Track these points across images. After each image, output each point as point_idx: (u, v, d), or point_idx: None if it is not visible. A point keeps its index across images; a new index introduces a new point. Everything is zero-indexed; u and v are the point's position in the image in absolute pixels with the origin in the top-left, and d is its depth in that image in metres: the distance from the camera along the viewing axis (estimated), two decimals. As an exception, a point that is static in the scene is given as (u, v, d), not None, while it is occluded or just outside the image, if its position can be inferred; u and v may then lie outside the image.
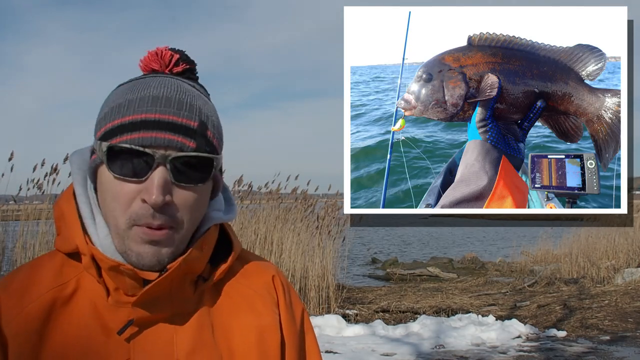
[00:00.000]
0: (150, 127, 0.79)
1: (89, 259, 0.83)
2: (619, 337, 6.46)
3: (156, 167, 0.79)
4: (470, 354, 5.73)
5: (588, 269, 10.66)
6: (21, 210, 7.10)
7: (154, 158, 0.79)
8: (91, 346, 0.81)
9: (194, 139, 0.81)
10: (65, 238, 0.86)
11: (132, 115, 0.80)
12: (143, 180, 0.79)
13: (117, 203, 0.80)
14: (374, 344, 5.92)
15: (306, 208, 8.41)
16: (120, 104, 0.82)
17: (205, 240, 0.86)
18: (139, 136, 0.79)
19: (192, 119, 0.82)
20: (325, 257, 7.76)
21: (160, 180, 0.78)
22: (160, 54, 0.89)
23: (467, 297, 8.74)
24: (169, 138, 0.79)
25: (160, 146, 0.79)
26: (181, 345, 0.84)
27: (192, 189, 0.82)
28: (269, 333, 0.91)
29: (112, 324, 0.82)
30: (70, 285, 0.84)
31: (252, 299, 0.92)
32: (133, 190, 0.79)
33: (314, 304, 7.44)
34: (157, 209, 0.79)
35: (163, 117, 0.80)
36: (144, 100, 0.81)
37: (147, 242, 0.80)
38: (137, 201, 0.79)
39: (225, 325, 0.88)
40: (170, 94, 0.82)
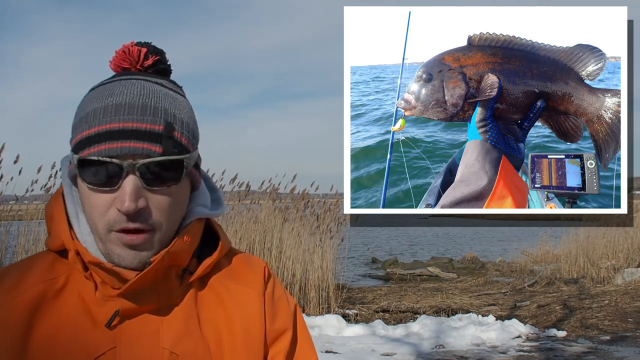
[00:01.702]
0: (115, 137, 0.80)
1: (74, 254, 0.86)
2: (619, 337, 6.46)
3: (126, 176, 0.80)
4: (470, 354, 5.73)
5: (588, 269, 10.66)
6: (22, 210, 7.11)
7: (122, 167, 0.80)
8: (78, 336, 0.83)
9: (159, 143, 0.82)
10: (54, 236, 0.89)
11: (97, 126, 0.81)
12: (115, 189, 0.81)
13: (94, 211, 0.83)
14: (374, 344, 5.93)
15: (305, 208, 8.41)
16: (88, 114, 0.83)
17: (188, 232, 0.88)
18: (105, 147, 0.80)
19: (156, 123, 0.82)
20: (325, 257, 7.76)
21: (130, 188, 0.80)
22: (128, 52, 0.89)
23: (467, 297, 8.75)
24: (133, 146, 0.80)
25: (127, 155, 0.80)
26: (167, 335, 0.86)
27: (165, 192, 0.83)
28: (253, 323, 0.92)
29: (100, 317, 0.84)
30: (60, 280, 0.87)
31: (238, 293, 0.94)
32: (107, 199, 0.81)
33: (314, 304, 7.44)
34: (131, 216, 0.80)
35: (127, 125, 0.81)
36: (108, 109, 0.82)
37: (125, 245, 0.82)
38: (113, 209, 0.81)
39: (211, 316, 0.90)
40: (133, 100, 0.83)
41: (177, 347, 0.86)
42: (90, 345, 0.83)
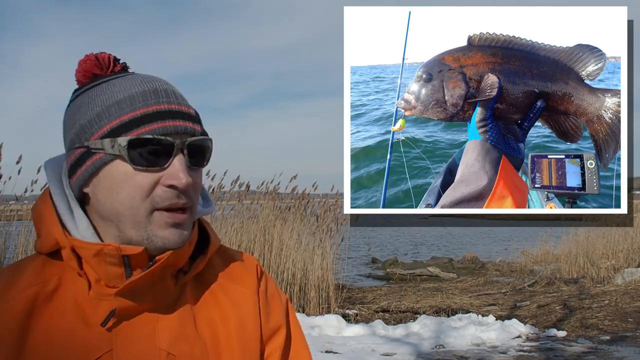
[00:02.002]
0: (166, 117, 0.83)
1: (69, 251, 0.84)
2: (619, 337, 6.46)
3: (177, 154, 0.83)
4: (470, 354, 5.73)
5: (588, 269, 10.66)
6: (22, 210, 7.11)
7: (174, 145, 0.83)
8: (73, 339, 0.82)
9: (199, 124, 0.88)
10: (44, 236, 0.87)
11: (141, 108, 0.83)
12: (165, 167, 0.83)
13: (137, 193, 0.82)
14: (374, 344, 5.92)
15: (304, 207, 8.41)
16: (120, 101, 0.84)
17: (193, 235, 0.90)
18: (159, 126, 0.83)
19: (190, 108, 0.88)
20: (325, 257, 7.76)
21: (181, 164, 0.83)
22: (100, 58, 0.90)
23: (467, 297, 8.75)
24: (184, 125, 0.84)
25: (177, 133, 0.84)
26: (163, 335, 0.85)
27: (199, 171, 0.88)
28: (249, 321, 0.93)
29: (94, 318, 0.83)
30: (52, 282, 0.86)
31: (231, 291, 0.94)
32: (154, 178, 0.83)
33: (314, 304, 7.44)
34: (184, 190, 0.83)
35: (172, 106, 0.85)
36: (146, 94, 0.84)
37: (172, 225, 0.84)
38: (159, 187, 0.83)
39: (206, 316, 0.90)
40: (163, 86, 0.87)
41: (174, 347, 0.85)
42: (86, 349, 0.82)
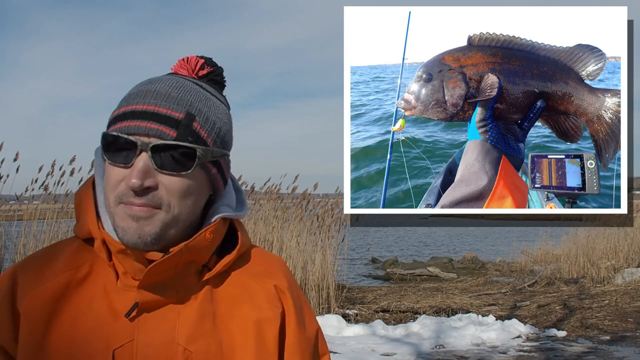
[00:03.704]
0: (136, 117, 0.85)
1: (100, 242, 0.89)
2: (619, 337, 6.45)
3: (139, 154, 0.84)
4: (470, 354, 5.73)
5: (588, 269, 10.66)
6: (22, 210, 7.11)
7: (137, 145, 0.84)
8: (98, 326, 0.86)
9: (175, 128, 0.85)
10: (82, 224, 0.91)
11: (125, 106, 0.88)
12: (129, 165, 0.84)
13: (109, 185, 0.86)
14: (374, 344, 5.92)
15: (305, 207, 8.41)
16: (125, 97, 0.90)
17: (212, 230, 0.90)
18: (126, 125, 0.85)
19: (177, 111, 0.86)
20: (325, 257, 7.76)
21: (140, 166, 0.84)
22: (187, 60, 0.96)
23: (467, 297, 8.74)
24: (149, 126, 0.85)
25: (142, 134, 0.84)
26: (183, 330, 0.88)
27: (175, 176, 0.86)
28: (268, 325, 0.93)
29: (120, 307, 0.87)
30: (84, 268, 0.90)
31: (254, 292, 0.95)
32: (121, 174, 0.85)
33: (314, 304, 7.44)
34: (137, 192, 0.84)
35: (149, 107, 0.86)
36: (139, 93, 0.88)
37: (129, 217, 0.85)
38: (123, 183, 0.85)
39: (226, 314, 0.92)
40: (164, 89, 0.88)
41: (191, 344, 0.88)
42: (109, 337, 0.86)
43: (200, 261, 0.91)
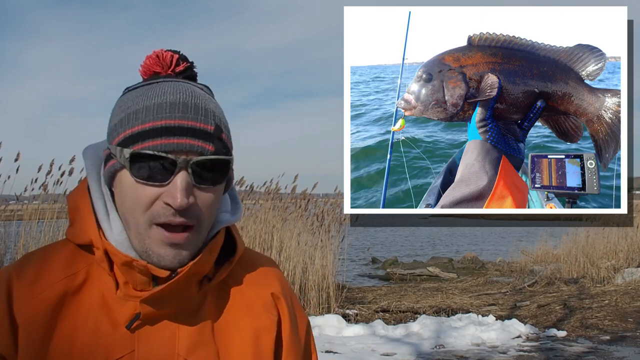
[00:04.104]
0: (172, 133, 0.82)
1: (102, 253, 0.86)
2: (619, 337, 6.46)
3: (178, 172, 0.81)
4: (470, 354, 5.73)
5: (588, 269, 10.66)
6: (22, 210, 7.10)
7: (177, 163, 0.81)
8: (98, 337, 0.85)
9: (212, 142, 0.84)
10: (78, 231, 0.89)
11: (152, 121, 0.82)
12: (165, 184, 0.82)
13: (138, 205, 0.83)
14: (374, 344, 5.92)
15: (305, 207, 8.41)
16: (138, 110, 0.84)
17: (216, 243, 0.90)
18: (161, 142, 0.81)
19: (209, 124, 0.84)
20: (325, 257, 7.76)
21: (183, 183, 0.81)
22: (161, 56, 0.91)
23: (467, 297, 8.74)
24: (190, 143, 0.82)
25: (182, 151, 0.82)
26: (183, 341, 0.87)
27: (210, 190, 0.85)
28: (265, 334, 0.93)
29: (119, 317, 0.86)
30: (80, 275, 0.88)
31: (251, 300, 0.95)
32: (154, 193, 0.82)
33: (314, 304, 7.44)
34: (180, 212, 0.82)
35: (182, 122, 0.82)
36: (162, 106, 0.83)
37: (168, 244, 0.83)
38: (159, 202, 0.82)
39: (224, 324, 0.92)
40: (187, 100, 0.84)
41: (191, 354, 0.87)
42: (109, 348, 0.84)
43: (204, 273, 0.90)
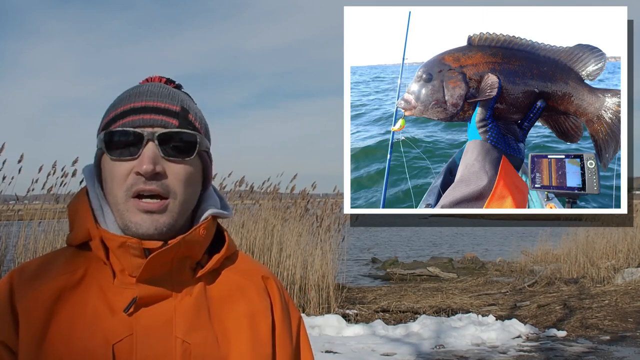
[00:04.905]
0: (138, 112, 0.93)
1: (98, 241, 0.92)
2: (619, 337, 6.46)
3: (146, 144, 0.91)
4: (470, 354, 5.73)
5: (588, 269, 10.66)
6: (22, 210, 7.11)
7: (143, 135, 0.91)
8: (96, 322, 0.89)
9: (176, 118, 0.94)
10: (77, 229, 0.95)
11: (122, 106, 0.94)
12: (136, 157, 0.90)
13: (116, 181, 0.91)
14: (374, 344, 5.93)
15: (305, 207, 8.41)
16: (115, 103, 0.97)
17: (204, 225, 0.96)
18: (129, 120, 0.92)
19: (173, 104, 0.95)
20: (325, 257, 7.76)
21: (149, 152, 0.90)
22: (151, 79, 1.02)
23: (467, 297, 8.75)
24: (153, 118, 0.92)
25: (147, 125, 0.92)
26: (180, 323, 0.92)
27: (181, 163, 0.93)
28: (261, 318, 0.99)
29: (117, 304, 0.91)
30: (79, 272, 0.93)
31: (245, 287, 1.01)
32: (128, 167, 0.91)
33: (314, 304, 7.44)
34: (148, 177, 0.89)
35: (148, 103, 0.94)
36: (132, 95, 0.96)
37: (142, 211, 0.90)
38: (132, 174, 0.91)
39: (219, 310, 0.96)
40: (155, 88, 0.96)
41: (189, 336, 0.91)
42: (107, 332, 0.88)
43: (195, 257, 0.96)
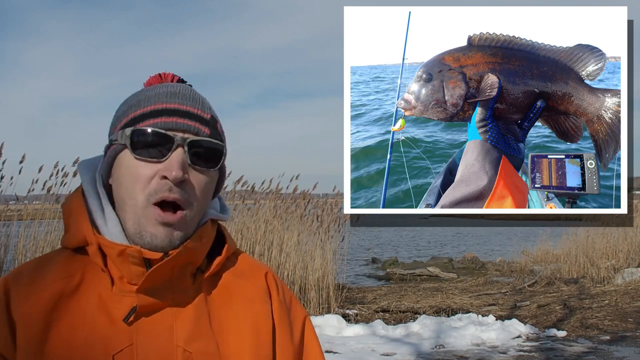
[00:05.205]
0: (170, 114, 0.89)
1: (95, 248, 0.89)
2: (619, 337, 6.46)
3: (175, 148, 0.88)
4: (470, 354, 5.73)
5: (588, 269, 10.66)
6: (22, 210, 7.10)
7: (174, 140, 0.88)
8: (97, 332, 0.86)
9: (208, 127, 0.91)
10: (73, 232, 0.92)
11: (153, 105, 0.90)
12: (162, 160, 0.87)
13: (138, 182, 0.87)
14: (374, 344, 5.93)
15: (305, 207, 8.41)
16: (140, 100, 0.92)
17: (204, 231, 0.93)
18: (161, 120, 0.89)
19: (205, 112, 0.93)
20: (325, 257, 7.76)
21: (179, 158, 0.87)
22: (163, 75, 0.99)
23: (467, 297, 8.74)
24: (187, 123, 0.89)
25: (179, 130, 0.89)
26: (180, 332, 0.89)
27: (204, 173, 0.91)
28: (262, 321, 0.96)
29: (116, 312, 0.87)
30: (76, 277, 0.90)
31: (246, 289, 0.98)
32: (153, 169, 0.87)
33: (314, 304, 7.44)
34: (176, 184, 0.86)
35: (181, 107, 0.90)
36: (163, 94, 0.92)
37: (161, 223, 0.87)
38: (156, 179, 0.87)
39: (221, 315, 0.94)
40: (185, 91, 0.93)
41: (190, 345, 0.89)
42: (107, 342, 0.85)
43: (196, 263, 0.93)
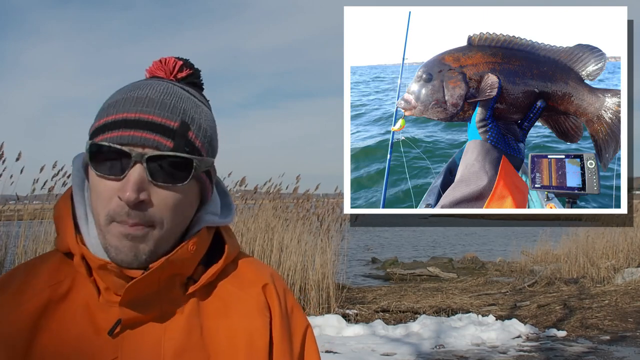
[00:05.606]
0: (130, 126, 0.81)
1: (79, 258, 0.85)
2: (619, 337, 6.46)
3: (133, 165, 0.80)
4: (470, 354, 5.73)
5: (588, 269, 10.66)
6: (22, 210, 7.10)
7: (131, 156, 0.80)
8: (81, 344, 0.82)
9: (172, 138, 0.82)
10: (60, 239, 0.88)
11: (114, 114, 0.82)
12: (121, 178, 0.80)
13: (99, 200, 0.82)
14: (374, 344, 5.93)
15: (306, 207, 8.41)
16: (110, 104, 0.84)
17: (194, 241, 0.86)
18: (118, 134, 0.80)
19: (172, 120, 0.83)
20: (325, 257, 7.76)
21: (134, 177, 0.79)
22: (165, 62, 0.92)
23: (467, 297, 8.74)
24: (145, 137, 0.80)
25: (137, 144, 0.80)
26: (169, 346, 0.84)
27: (171, 189, 0.82)
28: (258, 335, 0.90)
29: (103, 323, 0.83)
30: (65, 283, 0.86)
31: (243, 301, 0.91)
32: (113, 187, 0.80)
33: (314, 304, 7.44)
34: (132, 206, 0.79)
35: (143, 116, 0.81)
36: (129, 100, 0.83)
37: (124, 236, 0.81)
38: (115, 198, 0.80)
39: (213, 327, 0.88)
40: (155, 95, 0.84)
41: (178, 359, 0.84)
42: (92, 355, 0.82)
43: (185, 273, 0.87)
